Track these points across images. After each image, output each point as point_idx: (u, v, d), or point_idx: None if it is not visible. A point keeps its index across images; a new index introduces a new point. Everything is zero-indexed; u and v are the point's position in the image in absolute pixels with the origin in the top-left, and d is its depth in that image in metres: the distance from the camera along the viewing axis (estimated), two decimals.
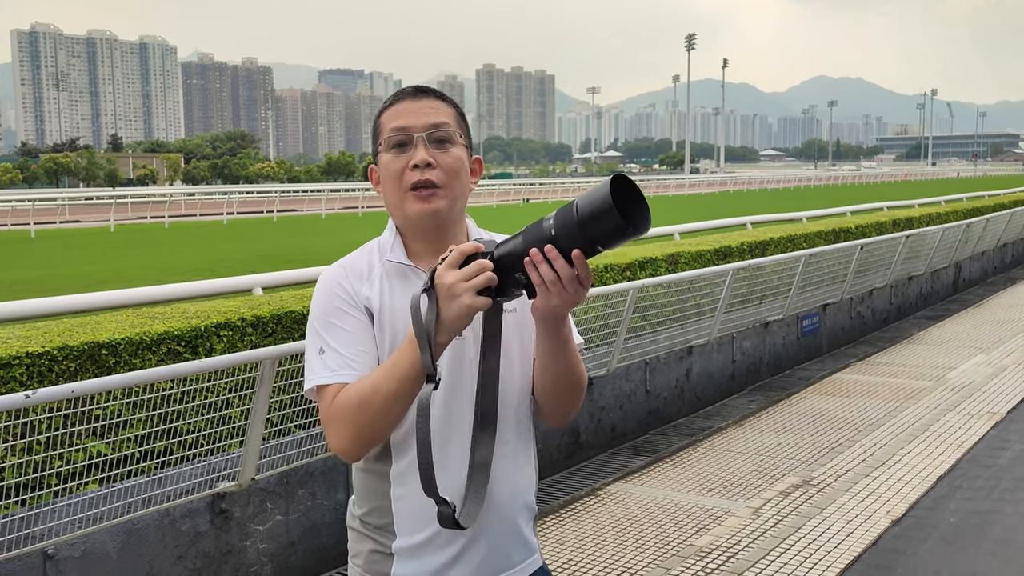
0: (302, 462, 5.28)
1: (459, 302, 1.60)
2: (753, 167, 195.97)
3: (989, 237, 17.71)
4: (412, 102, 1.87)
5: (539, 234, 1.60)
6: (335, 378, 1.77)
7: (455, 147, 1.86)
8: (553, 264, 1.59)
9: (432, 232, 1.87)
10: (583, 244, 1.57)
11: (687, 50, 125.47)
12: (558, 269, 1.59)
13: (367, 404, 1.70)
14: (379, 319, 1.82)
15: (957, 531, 4.94)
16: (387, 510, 1.85)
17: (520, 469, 1.91)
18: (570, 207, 1.57)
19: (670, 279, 8.53)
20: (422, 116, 1.85)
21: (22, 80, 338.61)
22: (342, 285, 1.84)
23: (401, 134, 1.84)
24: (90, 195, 51.71)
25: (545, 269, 1.59)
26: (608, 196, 1.51)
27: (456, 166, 1.85)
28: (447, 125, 1.86)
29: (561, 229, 1.57)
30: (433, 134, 1.84)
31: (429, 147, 1.83)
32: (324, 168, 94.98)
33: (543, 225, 1.60)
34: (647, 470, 6.84)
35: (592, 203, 1.53)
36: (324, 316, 1.83)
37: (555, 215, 1.59)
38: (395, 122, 1.85)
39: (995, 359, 9.35)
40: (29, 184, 79.98)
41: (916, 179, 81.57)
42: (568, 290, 1.61)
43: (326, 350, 1.80)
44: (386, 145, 1.86)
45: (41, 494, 4.36)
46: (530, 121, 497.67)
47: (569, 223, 1.56)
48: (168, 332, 5.30)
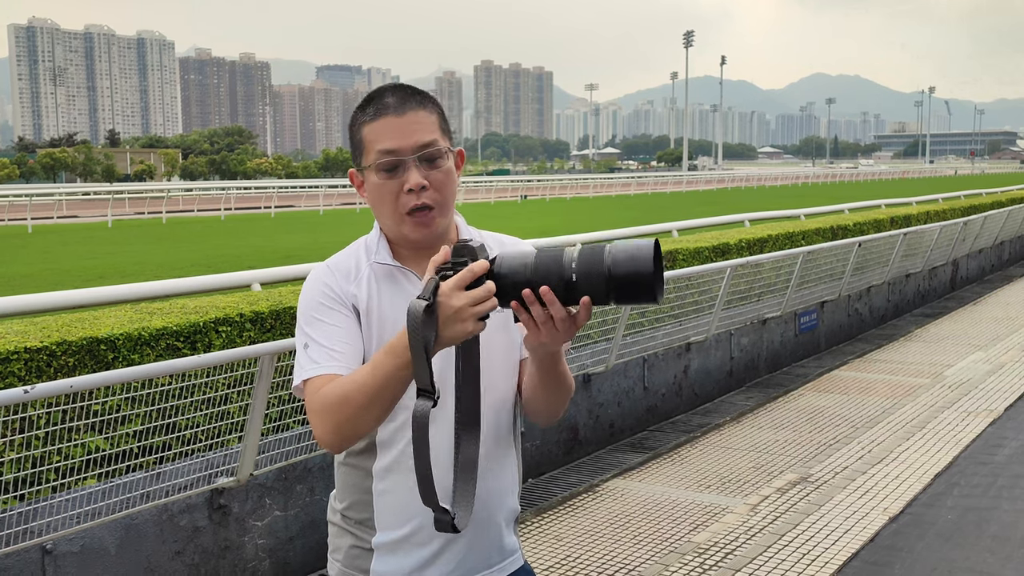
0: (300, 458, 5.28)
1: (462, 327, 1.55)
2: (751, 164, 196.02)
3: (987, 235, 17.74)
4: (396, 118, 1.81)
5: (557, 273, 1.52)
6: (318, 370, 1.76)
7: (445, 161, 1.83)
8: (549, 307, 1.55)
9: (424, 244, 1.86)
10: (601, 297, 1.51)
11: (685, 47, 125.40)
12: (553, 313, 1.56)
13: (349, 400, 1.68)
14: (367, 319, 1.81)
15: (954, 528, 4.95)
16: (368, 504, 1.85)
17: (503, 470, 1.90)
18: (599, 257, 1.50)
19: (668, 276, 8.52)
20: (410, 135, 1.80)
21: (19, 75, 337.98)
22: (327, 283, 1.84)
23: (391, 158, 1.80)
24: (87, 190, 51.63)
25: (538, 311, 1.56)
26: (650, 263, 1.47)
27: (447, 180, 1.83)
28: (436, 143, 1.82)
29: (584, 277, 1.51)
30: (424, 155, 1.80)
31: (421, 168, 1.80)
32: (322, 164, 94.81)
33: (562, 262, 1.52)
34: (645, 466, 6.85)
35: (631, 263, 1.48)
36: (308, 313, 1.83)
37: (579, 258, 1.51)
38: (383, 143, 1.80)
39: (992, 356, 9.36)
40: (26, 179, 79.81)
41: (914, 177, 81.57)
42: (559, 329, 1.58)
43: (311, 344, 1.79)
44: (376, 168, 1.82)
45: (39, 489, 4.35)
46: (528, 118, 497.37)
47: (597, 275, 1.50)
48: (167, 328, 5.30)
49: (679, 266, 9.87)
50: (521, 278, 1.55)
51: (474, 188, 52.08)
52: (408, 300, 1.79)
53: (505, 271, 1.56)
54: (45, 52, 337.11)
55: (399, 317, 1.78)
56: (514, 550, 1.95)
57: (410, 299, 1.80)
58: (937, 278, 15.60)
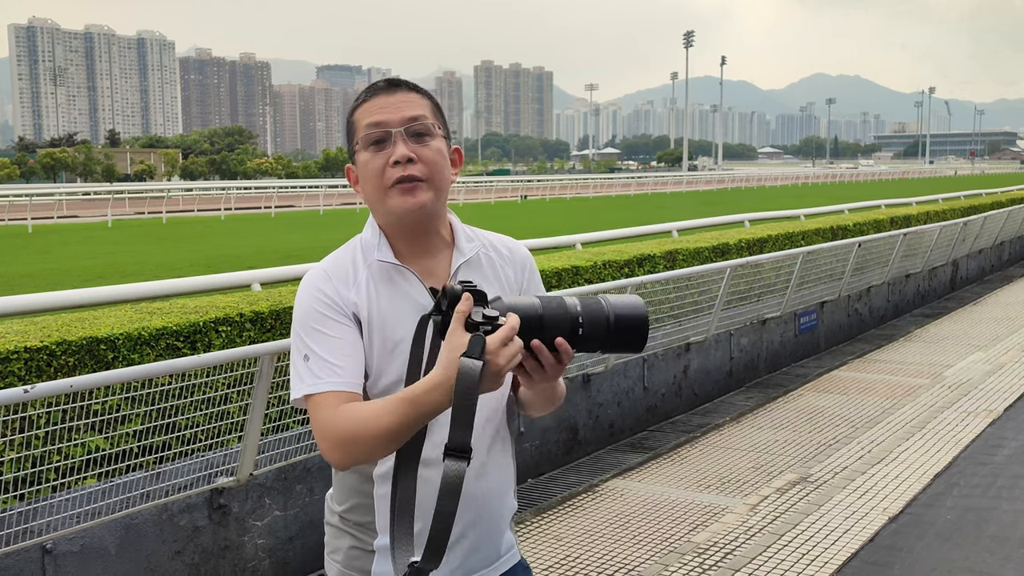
0: (300, 458, 5.29)
1: (499, 382, 1.59)
2: (751, 164, 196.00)
3: (986, 235, 17.74)
4: (386, 96, 1.82)
5: (567, 323, 1.62)
6: (322, 386, 1.73)
7: (434, 139, 1.82)
8: (540, 357, 1.62)
9: (416, 228, 1.83)
10: (601, 344, 1.65)
11: (685, 47, 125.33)
12: (545, 364, 1.63)
13: (364, 431, 1.65)
14: (367, 325, 1.79)
15: (954, 528, 4.95)
16: (369, 508, 1.83)
17: (501, 471, 1.90)
18: (599, 307, 1.63)
19: (668, 276, 8.54)
20: (398, 110, 1.80)
21: (19, 75, 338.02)
22: (324, 291, 1.80)
23: (378, 130, 1.79)
24: (88, 190, 51.61)
25: (547, 357, 1.62)
26: (646, 314, 1.65)
27: (437, 159, 1.81)
28: (424, 118, 1.81)
29: (591, 330, 1.63)
30: (411, 128, 1.79)
31: (408, 141, 1.79)
32: (322, 164, 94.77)
33: (568, 315, 1.62)
34: (645, 466, 6.85)
35: (630, 316, 1.63)
36: (308, 322, 1.79)
37: (583, 311, 1.62)
38: (370, 118, 1.80)
39: (992, 357, 9.36)
40: (26, 179, 79.80)
41: (914, 177, 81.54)
42: (549, 373, 1.65)
43: (311, 357, 1.76)
44: (363, 143, 1.81)
45: (39, 489, 4.35)
46: (528, 118, 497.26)
47: (600, 324, 1.63)
48: (166, 327, 5.30)
49: (679, 266, 9.87)
50: (534, 326, 1.62)
51: (474, 188, 52.06)
52: (407, 302, 1.79)
53: (518, 314, 1.62)
54: (45, 52, 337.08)
55: (399, 320, 1.78)
56: (511, 547, 1.96)
57: (409, 301, 1.79)
58: (937, 278, 15.60)
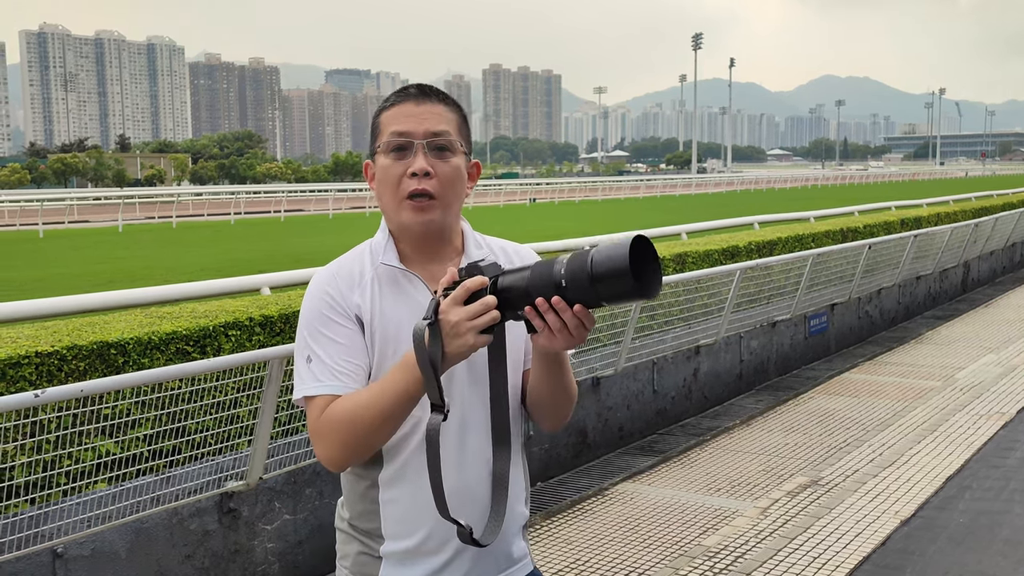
0: (310, 461, 5.29)
1: (463, 340, 1.60)
2: (760, 167, 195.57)
3: (998, 236, 17.65)
4: (415, 105, 1.83)
5: (548, 278, 1.58)
6: (322, 389, 1.76)
7: (455, 156, 1.83)
8: (561, 314, 1.59)
9: (425, 239, 1.86)
10: (591, 298, 1.55)
11: (694, 49, 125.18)
12: (566, 319, 1.59)
13: (358, 421, 1.70)
14: (370, 327, 1.81)
15: (966, 531, 4.92)
16: (375, 514, 1.84)
17: (513, 478, 1.89)
18: (584, 257, 1.54)
19: (678, 279, 8.52)
20: (424, 122, 1.81)
21: (30, 81, 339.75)
22: (330, 293, 1.82)
23: (401, 139, 1.81)
24: (98, 195, 51.75)
25: (552, 318, 1.60)
26: (626, 259, 1.48)
27: (454, 176, 1.83)
28: (448, 134, 1.83)
29: (572, 280, 1.55)
30: (433, 142, 1.81)
31: (429, 155, 1.80)
32: (331, 168, 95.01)
33: (553, 269, 1.57)
34: (654, 470, 6.84)
35: (608, 262, 1.50)
36: (312, 324, 1.81)
37: (567, 262, 1.56)
38: (396, 125, 1.82)
39: (1004, 359, 9.31)
40: (37, 184, 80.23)
41: (924, 179, 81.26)
42: (573, 334, 1.62)
43: (313, 359, 1.78)
44: (385, 148, 1.83)
45: (50, 493, 4.37)
46: (536, 121, 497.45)
47: (581, 276, 1.53)
48: (176, 332, 5.32)
49: (688, 269, 9.85)
50: (519, 286, 1.61)
51: (483, 191, 52.07)
52: (411, 307, 1.81)
53: (506, 284, 1.62)
54: (56, 58, 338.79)
55: (402, 323, 1.79)
56: (523, 556, 1.95)
57: (413, 305, 1.81)
58: (948, 280, 15.53)
